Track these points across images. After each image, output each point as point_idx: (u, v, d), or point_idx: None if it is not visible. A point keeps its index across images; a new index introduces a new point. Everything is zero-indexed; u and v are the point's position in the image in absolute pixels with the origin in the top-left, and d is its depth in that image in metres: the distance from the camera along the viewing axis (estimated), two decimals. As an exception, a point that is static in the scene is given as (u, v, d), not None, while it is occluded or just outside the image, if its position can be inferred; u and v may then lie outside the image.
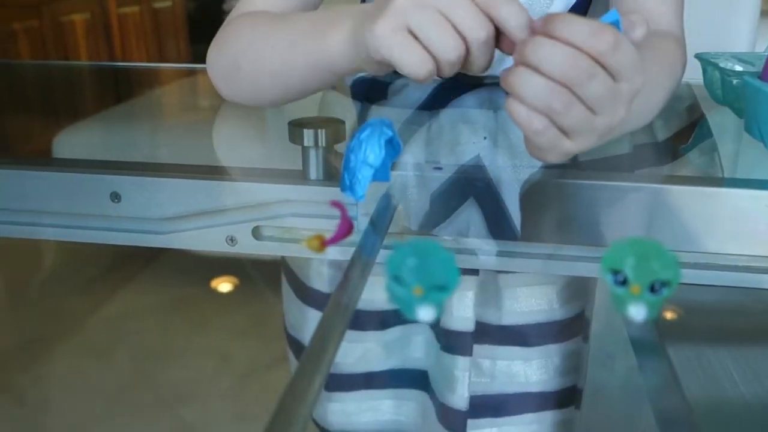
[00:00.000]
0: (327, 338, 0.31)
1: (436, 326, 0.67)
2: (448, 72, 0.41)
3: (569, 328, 0.68)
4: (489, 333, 0.67)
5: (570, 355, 0.69)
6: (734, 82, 0.57)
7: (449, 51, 0.39)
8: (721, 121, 0.62)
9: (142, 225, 0.52)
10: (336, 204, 0.34)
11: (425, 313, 0.25)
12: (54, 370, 1.18)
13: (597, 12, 0.68)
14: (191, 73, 0.96)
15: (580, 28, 0.35)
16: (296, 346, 0.76)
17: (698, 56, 0.64)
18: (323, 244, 0.34)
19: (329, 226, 0.43)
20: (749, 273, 0.48)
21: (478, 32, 0.39)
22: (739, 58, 0.62)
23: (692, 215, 0.47)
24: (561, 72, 0.36)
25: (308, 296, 0.72)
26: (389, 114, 0.69)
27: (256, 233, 0.51)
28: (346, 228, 0.35)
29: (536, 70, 0.37)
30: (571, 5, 0.66)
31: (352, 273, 0.35)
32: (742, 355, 0.50)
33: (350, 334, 0.32)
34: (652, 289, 0.26)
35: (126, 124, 0.70)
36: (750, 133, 0.53)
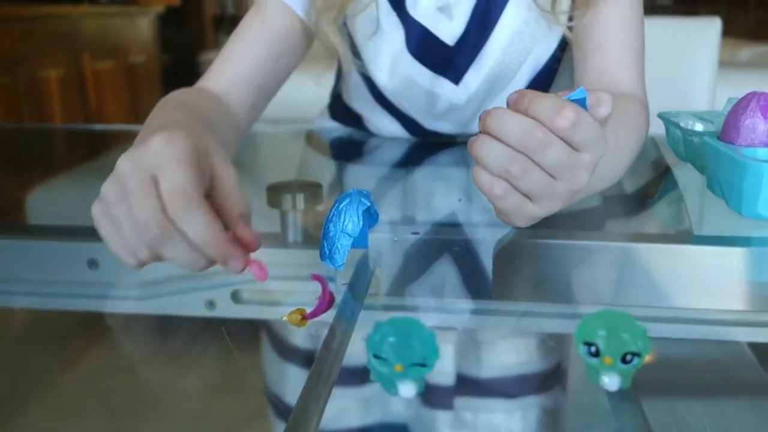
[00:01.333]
0: (309, 409, 0.31)
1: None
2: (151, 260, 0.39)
3: (548, 379, 0.69)
4: (470, 386, 0.67)
5: (550, 406, 0.69)
6: (695, 141, 0.60)
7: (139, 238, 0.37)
8: (685, 176, 0.64)
9: (120, 291, 0.52)
10: (317, 277, 0.35)
11: (406, 390, 0.26)
12: (26, 430, 1.14)
13: (563, 80, 0.71)
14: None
15: (543, 104, 0.37)
16: (276, 403, 0.75)
17: (660, 116, 0.66)
18: (304, 318, 0.34)
19: (308, 289, 0.43)
20: (719, 326, 0.50)
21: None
22: (700, 116, 0.64)
23: (662, 271, 0.49)
24: (518, 141, 0.38)
25: (288, 353, 0.71)
26: (365, 171, 0.71)
27: (235, 297, 0.51)
28: (327, 301, 0.35)
29: (497, 138, 0.38)
30: (536, 72, 0.69)
31: (332, 342, 0.35)
32: (715, 407, 0.51)
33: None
34: (624, 360, 0.27)
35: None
36: (712, 191, 0.55)
